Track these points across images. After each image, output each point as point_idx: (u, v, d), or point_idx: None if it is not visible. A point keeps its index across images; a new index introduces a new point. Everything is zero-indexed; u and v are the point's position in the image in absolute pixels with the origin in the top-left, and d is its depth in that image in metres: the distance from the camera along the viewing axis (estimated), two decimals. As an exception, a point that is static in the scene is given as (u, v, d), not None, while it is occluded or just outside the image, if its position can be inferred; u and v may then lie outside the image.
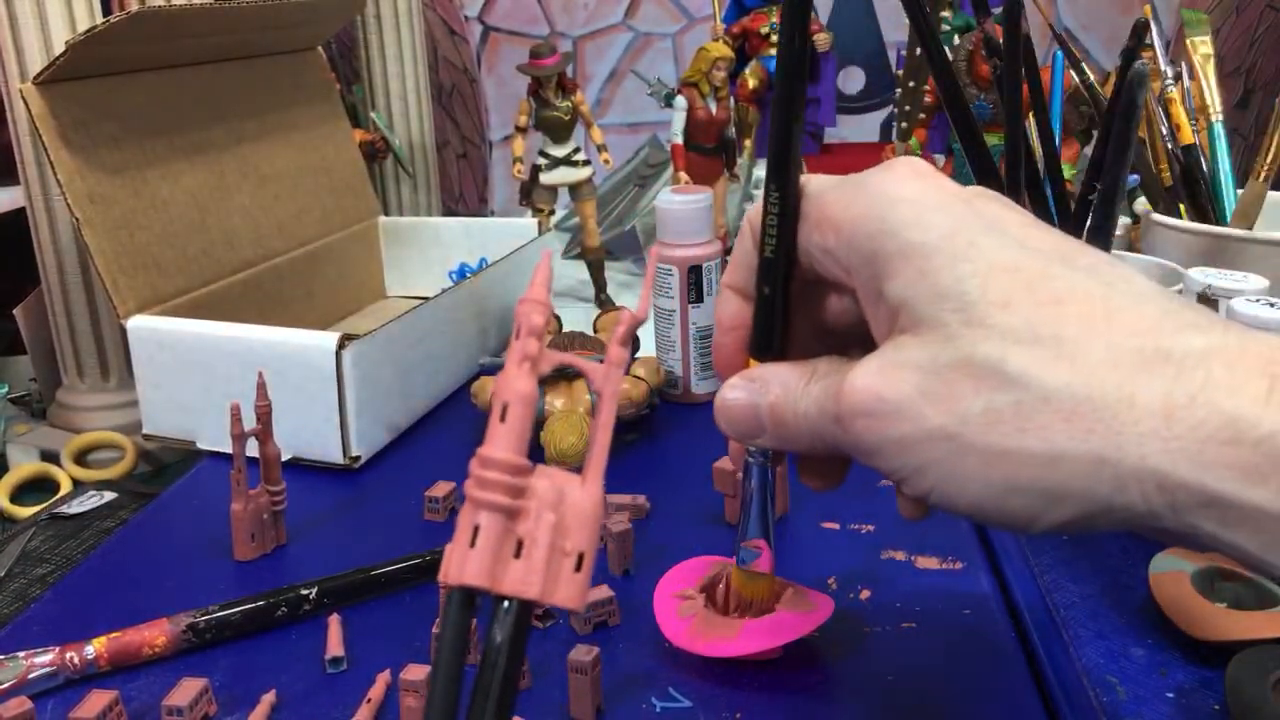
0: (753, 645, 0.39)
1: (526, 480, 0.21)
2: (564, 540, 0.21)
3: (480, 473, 0.21)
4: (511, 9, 1.44)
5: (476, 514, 0.21)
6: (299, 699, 0.40)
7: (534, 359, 0.22)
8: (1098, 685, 0.40)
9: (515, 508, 0.21)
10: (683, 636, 0.40)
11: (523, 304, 0.22)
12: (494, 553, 0.20)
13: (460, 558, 0.20)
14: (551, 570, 0.21)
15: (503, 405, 0.21)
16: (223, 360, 0.61)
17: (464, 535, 0.21)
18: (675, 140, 0.93)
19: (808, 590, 0.43)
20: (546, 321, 0.23)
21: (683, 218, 0.64)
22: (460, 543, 0.21)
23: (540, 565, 0.21)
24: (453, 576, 0.20)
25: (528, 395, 0.21)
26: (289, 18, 0.80)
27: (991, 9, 0.55)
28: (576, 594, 0.21)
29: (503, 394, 0.21)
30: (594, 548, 0.22)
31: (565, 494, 0.22)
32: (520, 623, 0.21)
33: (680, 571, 0.44)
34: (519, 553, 0.21)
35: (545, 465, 0.22)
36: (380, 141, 1.01)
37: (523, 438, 0.21)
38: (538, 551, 0.21)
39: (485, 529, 0.20)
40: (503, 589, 0.21)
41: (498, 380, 0.22)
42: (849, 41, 1.22)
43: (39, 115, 0.62)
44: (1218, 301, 0.48)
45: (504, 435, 0.21)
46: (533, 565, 0.21)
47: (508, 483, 0.21)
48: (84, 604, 0.47)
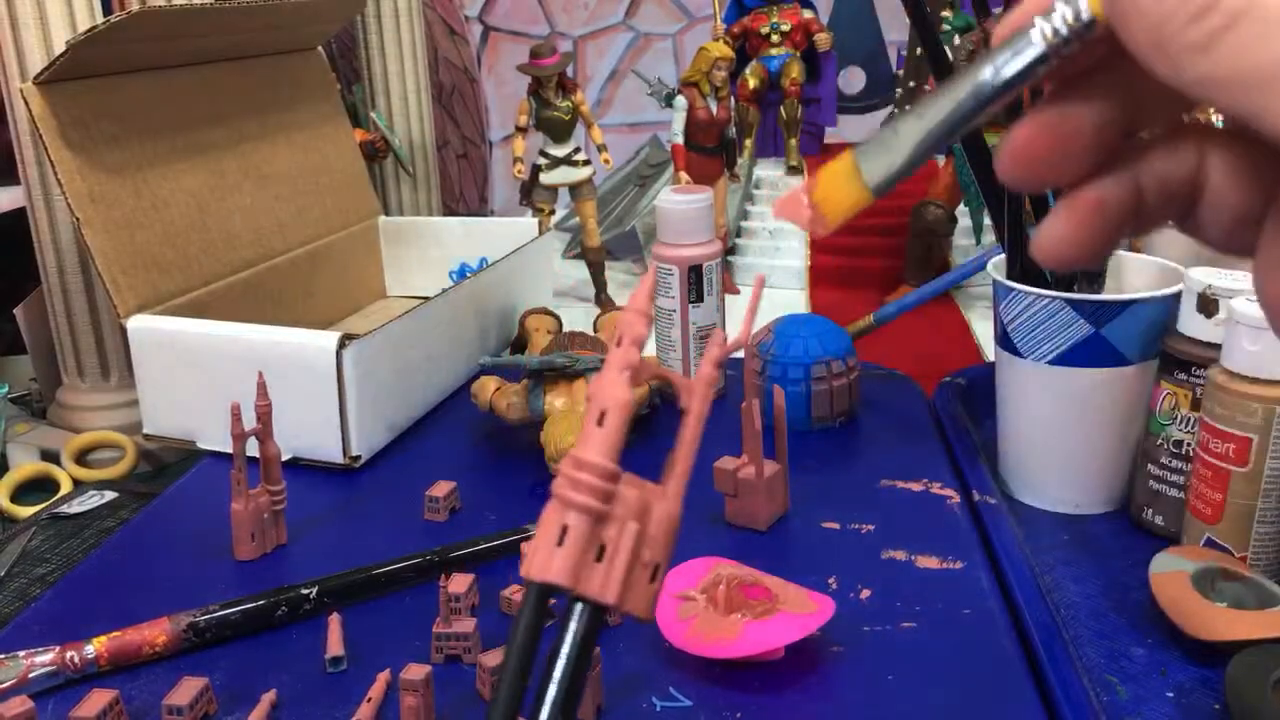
0: (754, 646, 0.39)
1: (616, 486, 0.21)
2: (644, 550, 0.22)
3: (573, 474, 0.21)
4: (511, 9, 1.44)
5: (565, 514, 0.21)
6: (299, 699, 0.40)
7: (635, 368, 0.22)
8: (1098, 685, 0.40)
9: (604, 512, 0.21)
10: (683, 638, 0.40)
11: (627, 313, 0.23)
12: (580, 554, 0.21)
13: (546, 555, 0.21)
14: (630, 578, 0.21)
15: (600, 410, 0.22)
16: (223, 360, 0.61)
17: (550, 533, 0.21)
18: (675, 140, 0.93)
19: (808, 591, 0.43)
20: (648, 331, 0.23)
21: (683, 218, 0.64)
22: (546, 540, 0.21)
23: (621, 572, 0.21)
24: (538, 572, 0.21)
25: (626, 402, 0.22)
26: (289, 18, 0.80)
27: (991, 9, 0.55)
28: (649, 603, 0.22)
29: (601, 399, 0.22)
30: (669, 560, 0.22)
31: (649, 505, 0.22)
32: (593, 625, 0.21)
33: (680, 572, 0.44)
34: (600, 556, 0.21)
35: (631, 474, 0.22)
36: (380, 141, 1.01)
37: (618, 444, 0.22)
38: (620, 558, 0.21)
39: (574, 530, 0.21)
40: (584, 591, 0.21)
41: (596, 384, 0.22)
42: (849, 41, 1.21)
43: (39, 115, 0.62)
44: (1218, 301, 0.48)
45: (600, 440, 0.21)
46: (614, 571, 0.21)
47: (600, 487, 0.21)
48: (84, 604, 0.47)
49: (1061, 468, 0.55)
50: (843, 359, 0.63)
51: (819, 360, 0.62)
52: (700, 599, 0.42)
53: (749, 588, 0.42)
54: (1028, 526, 0.53)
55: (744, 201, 1.06)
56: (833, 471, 0.58)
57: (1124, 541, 0.52)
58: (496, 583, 0.46)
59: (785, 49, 1.07)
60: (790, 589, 0.42)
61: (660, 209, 0.65)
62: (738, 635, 0.40)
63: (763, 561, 0.49)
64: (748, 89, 1.06)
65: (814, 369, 0.62)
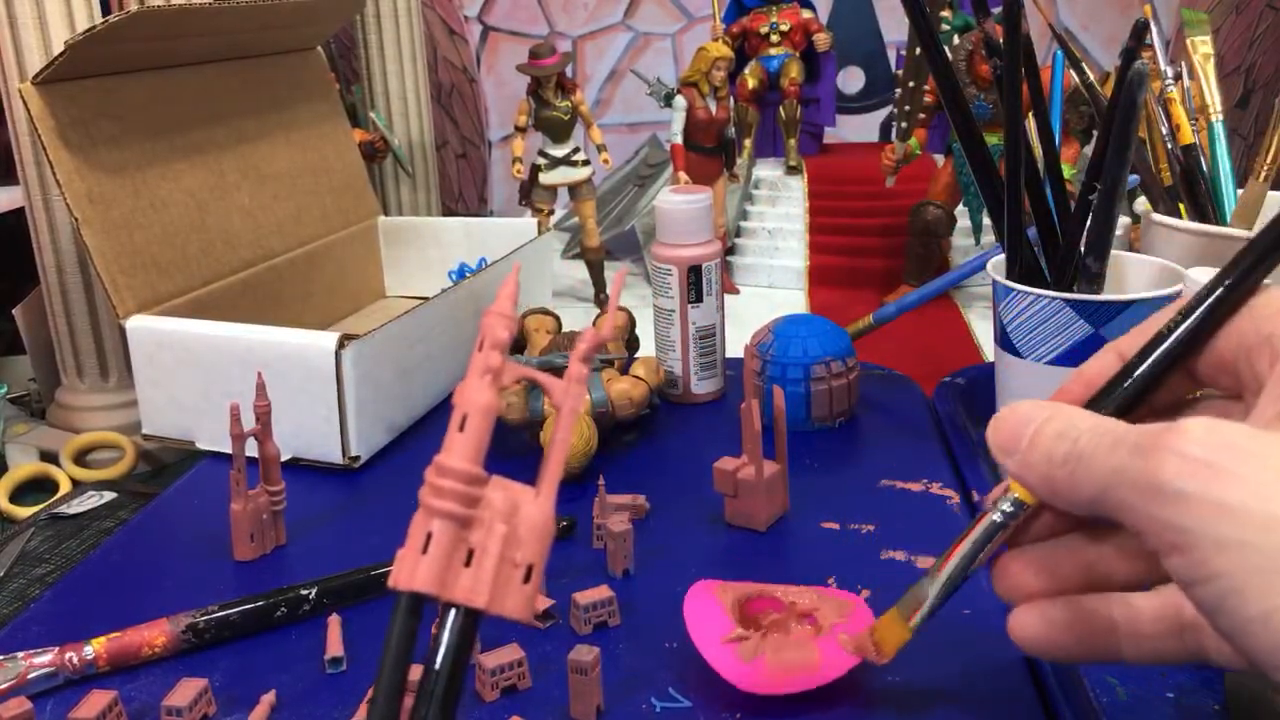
0: (842, 664, 0.38)
1: (481, 491, 0.21)
2: (514, 551, 0.21)
3: (435, 480, 0.21)
4: (511, 9, 1.44)
5: (429, 521, 0.21)
6: (299, 699, 0.40)
7: (496, 371, 0.22)
8: (1098, 685, 0.40)
9: (468, 517, 0.21)
10: (764, 681, 0.38)
11: (488, 316, 0.23)
12: (445, 560, 0.21)
13: (411, 563, 0.21)
14: (500, 580, 0.21)
15: (462, 415, 0.22)
16: (222, 360, 0.61)
17: (416, 541, 0.21)
18: (674, 140, 0.93)
19: (817, 588, 0.43)
20: (511, 335, 0.23)
21: (682, 218, 0.64)
22: (412, 548, 0.21)
23: (489, 575, 0.21)
24: (403, 582, 0.21)
25: (488, 407, 0.22)
26: (289, 18, 0.80)
27: (991, 9, 0.55)
28: (524, 604, 0.21)
29: (463, 404, 0.22)
30: (543, 560, 0.22)
31: (519, 506, 0.22)
32: (466, 631, 0.21)
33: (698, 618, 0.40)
34: (469, 561, 0.21)
35: (499, 477, 0.22)
36: (380, 141, 1.01)
37: (480, 448, 0.21)
38: (488, 561, 0.21)
39: (438, 536, 0.21)
40: (452, 596, 0.21)
41: (459, 390, 0.22)
42: (849, 41, 1.22)
43: (38, 115, 0.62)
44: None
45: (461, 444, 0.21)
46: (482, 575, 0.21)
47: (462, 491, 0.21)
48: (83, 604, 0.47)
49: (1061, 468, 0.54)
50: (842, 359, 0.63)
51: (819, 360, 0.62)
52: (752, 634, 0.39)
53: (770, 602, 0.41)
54: (1027, 526, 0.53)
55: (743, 201, 1.06)
56: (832, 471, 0.58)
57: (1124, 541, 0.52)
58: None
59: (784, 49, 1.07)
60: (808, 592, 0.42)
61: (659, 209, 0.65)
62: (819, 657, 0.38)
63: (763, 561, 0.49)
64: (747, 89, 1.06)
65: (814, 369, 0.62)
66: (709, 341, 0.66)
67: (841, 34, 1.14)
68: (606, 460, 0.58)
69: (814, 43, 1.07)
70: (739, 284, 1.01)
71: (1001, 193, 0.54)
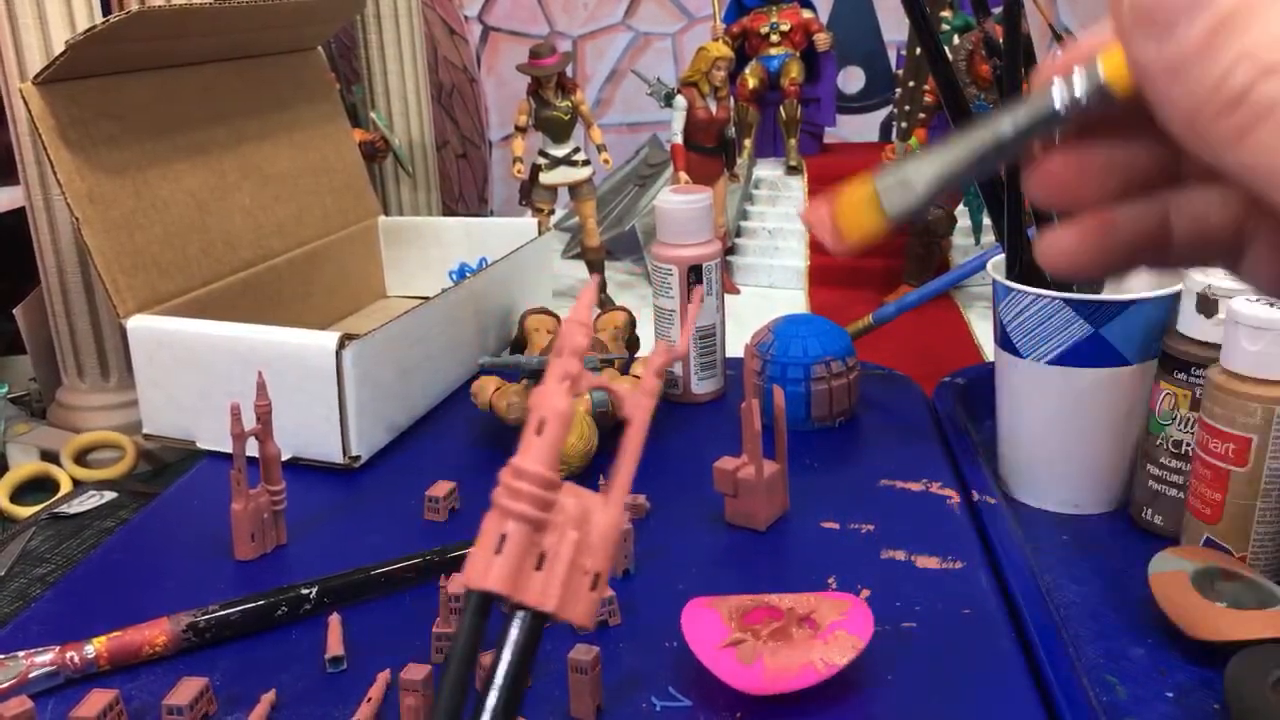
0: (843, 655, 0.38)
1: (555, 495, 0.22)
2: (584, 558, 0.22)
3: (512, 483, 0.21)
4: (511, 9, 1.44)
5: (504, 523, 0.21)
6: (299, 699, 0.40)
7: (574, 378, 0.22)
8: (1098, 685, 0.40)
9: (543, 520, 0.21)
10: (764, 682, 0.38)
11: (567, 324, 0.23)
12: (518, 563, 0.21)
13: (484, 563, 0.21)
14: (570, 586, 0.21)
15: (540, 420, 0.22)
16: (222, 360, 0.61)
17: (489, 541, 0.21)
18: (675, 140, 0.93)
19: (815, 594, 0.43)
20: (589, 342, 0.23)
21: (683, 218, 0.64)
22: (485, 548, 0.21)
23: (560, 580, 0.21)
24: (475, 581, 0.21)
25: (565, 413, 0.22)
26: (289, 18, 0.80)
27: (991, 9, 0.55)
28: (589, 612, 0.22)
29: (541, 409, 0.22)
30: (609, 568, 0.22)
31: (590, 513, 0.22)
32: (533, 633, 0.21)
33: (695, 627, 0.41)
34: (540, 565, 0.21)
35: (570, 483, 0.22)
36: (380, 141, 1.01)
37: (556, 453, 0.22)
38: (559, 566, 0.21)
39: (512, 538, 0.21)
40: (523, 599, 0.21)
41: (536, 394, 0.22)
42: (849, 41, 1.22)
43: (38, 115, 0.62)
44: (1217, 301, 0.48)
45: (539, 449, 0.22)
46: (553, 579, 0.21)
47: (538, 496, 0.21)
48: (84, 604, 0.47)
49: (1061, 468, 0.55)
50: (842, 359, 0.63)
51: (819, 360, 0.62)
52: (750, 637, 0.40)
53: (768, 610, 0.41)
54: (1028, 527, 0.53)
55: (743, 201, 1.06)
56: (832, 471, 0.58)
57: (1124, 541, 0.52)
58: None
59: (785, 49, 1.07)
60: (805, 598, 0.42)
61: (660, 209, 0.65)
62: (817, 655, 0.38)
63: (763, 561, 0.49)
64: (747, 89, 1.06)
65: (814, 369, 0.62)
66: (709, 341, 0.66)
67: (841, 34, 1.14)
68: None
69: (814, 43, 1.07)
70: (739, 284, 1.01)
71: (1001, 193, 0.54)
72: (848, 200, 0.24)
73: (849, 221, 0.24)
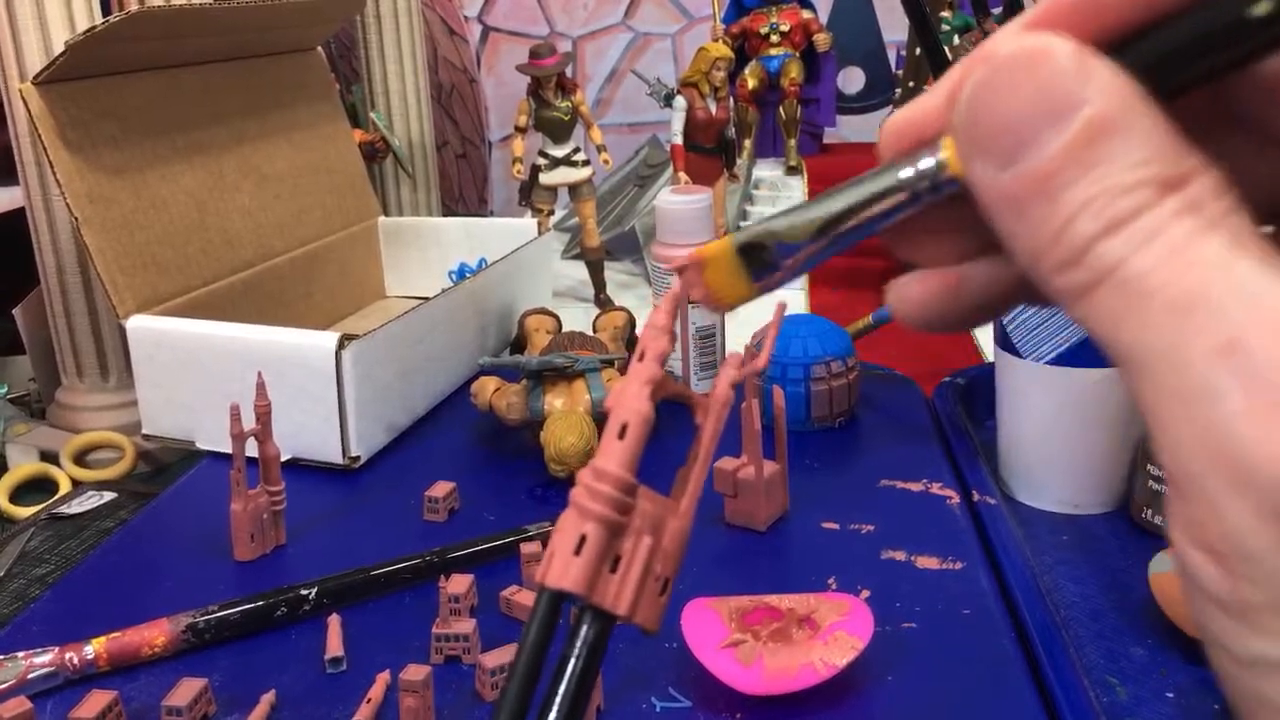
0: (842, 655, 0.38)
1: (633, 499, 0.22)
2: (657, 563, 0.22)
3: (593, 484, 0.21)
4: (511, 9, 1.44)
5: (584, 524, 0.21)
6: (299, 699, 0.40)
7: (657, 383, 0.22)
8: (1098, 685, 0.40)
9: (621, 524, 0.22)
10: (764, 682, 0.38)
11: (649, 329, 0.23)
12: (596, 564, 0.21)
13: (563, 563, 0.21)
14: (643, 591, 0.22)
15: (622, 423, 0.22)
16: (222, 360, 0.61)
17: (569, 541, 0.21)
18: (675, 140, 0.93)
19: (814, 594, 0.43)
20: (671, 347, 0.23)
21: (682, 218, 0.64)
22: (564, 549, 0.21)
23: (635, 584, 0.22)
24: (553, 580, 0.21)
25: (648, 416, 0.22)
26: (289, 18, 0.80)
27: (991, 9, 0.55)
28: (658, 617, 0.22)
29: (623, 412, 0.22)
30: (677, 574, 0.23)
31: (664, 519, 0.23)
32: (603, 634, 0.22)
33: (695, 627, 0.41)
34: (615, 568, 0.21)
35: (645, 487, 0.22)
36: (380, 141, 1.01)
37: (637, 457, 0.22)
38: (634, 571, 0.22)
39: (591, 540, 0.21)
40: (599, 601, 0.21)
41: (617, 396, 0.22)
42: (849, 41, 1.21)
43: (38, 115, 0.62)
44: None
45: (620, 452, 0.22)
46: (628, 583, 0.22)
47: (618, 499, 0.22)
48: (84, 604, 0.47)
49: (1061, 468, 0.54)
50: (842, 359, 0.63)
51: (819, 360, 0.62)
52: (750, 638, 0.40)
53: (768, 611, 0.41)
54: (1028, 526, 0.53)
55: (743, 201, 1.06)
56: (832, 471, 0.58)
57: (1124, 541, 0.52)
58: (496, 583, 0.46)
59: (784, 49, 1.07)
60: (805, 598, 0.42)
61: (659, 209, 0.65)
62: (817, 656, 0.38)
63: (763, 562, 0.49)
64: (747, 89, 1.06)
65: (814, 369, 0.62)
66: (709, 341, 0.66)
67: (841, 34, 1.14)
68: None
69: (814, 43, 1.07)
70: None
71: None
72: (715, 264, 0.22)
73: (722, 286, 0.22)
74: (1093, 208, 0.16)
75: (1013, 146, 0.17)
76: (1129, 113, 0.16)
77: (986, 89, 0.17)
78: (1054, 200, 0.16)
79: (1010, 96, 0.17)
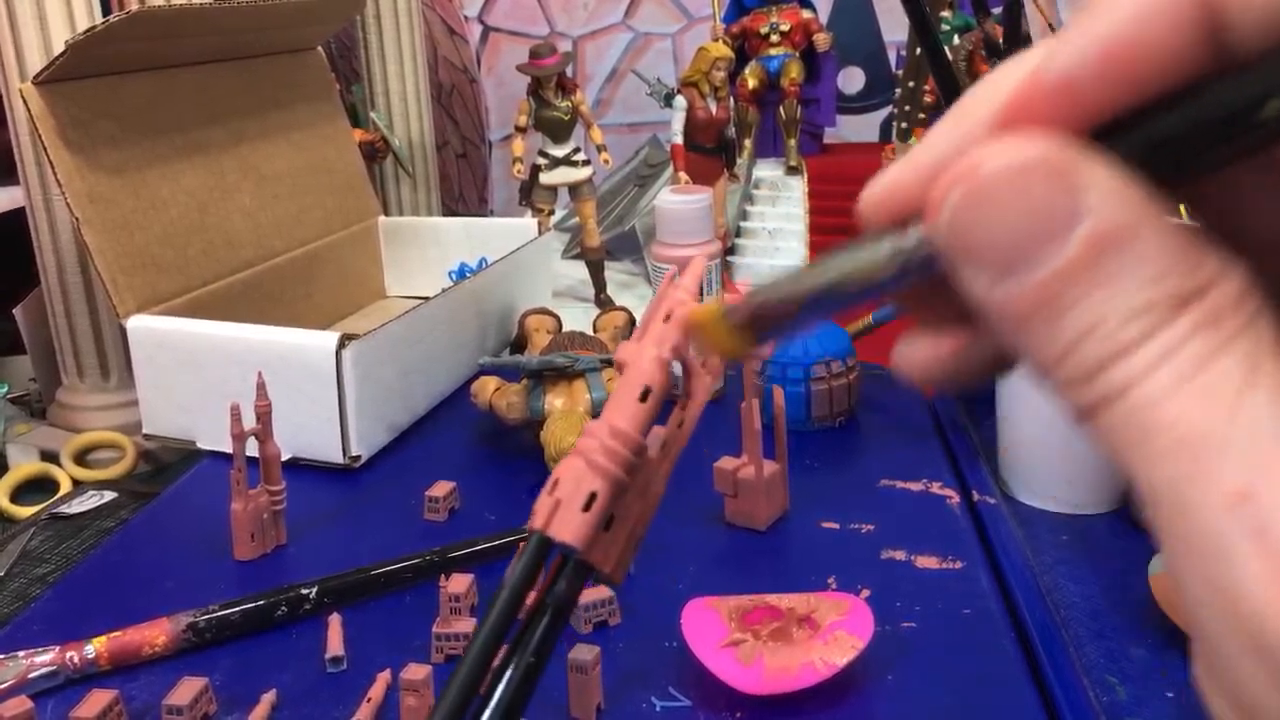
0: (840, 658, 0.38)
1: (642, 462, 0.22)
2: (639, 526, 0.22)
3: (609, 443, 0.21)
4: (511, 9, 1.44)
5: (595, 480, 0.21)
6: (299, 699, 0.40)
7: (679, 350, 0.22)
8: (1098, 685, 0.40)
9: (626, 485, 0.21)
10: (764, 682, 0.38)
11: (678, 289, 0.23)
12: (599, 523, 0.21)
13: (570, 517, 0.21)
14: (624, 550, 0.22)
15: (645, 387, 0.21)
16: (222, 360, 0.61)
17: (579, 495, 0.21)
18: (675, 140, 0.93)
19: (813, 594, 0.43)
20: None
21: (683, 218, 0.64)
22: (573, 503, 0.21)
23: (620, 544, 0.22)
24: (556, 531, 0.21)
25: (667, 386, 0.22)
26: (289, 18, 0.80)
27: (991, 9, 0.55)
28: (625, 571, 0.23)
29: (646, 376, 0.22)
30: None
31: (650, 483, 0.22)
32: (580, 584, 0.22)
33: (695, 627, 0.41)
34: (607, 525, 0.22)
35: None
36: (380, 141, 1.01)
37: (651, 423, 0.22)
38: (622, 533, 0.22)
39: (601, 500, 0.21)
40: (590, 557, 0.21)
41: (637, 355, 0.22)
42: (849, 41, 1.22)
43: (38, 115, 0.62)
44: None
45: (639, 415, 0.21)
46: (616, 542, 0.22)
47: (632, 461, 0.21)
48: (84, 604, 0.47)
49: (1061, 468, 0.55)
50: (842, 359, 0.63)
51: (819, 360, 0.62)
52: (750, 637, 0.40)
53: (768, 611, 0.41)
54: (1028, 526, 0.53)
55: (743, 201, 1.06)
56: (832, 471, 0.58)
57: (1124, 541, 0.52)
58: (496, 583, 0.46)
59: (784, 49, 1.07)
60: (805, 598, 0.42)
61: (660, 209, 0.65)
62: (817, 655, 0.38)
63: (762, 561, 0.49)
64: (747, 89, 1.06)
65: (814, 369, 0.62)
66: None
67: (841, 34, 1.14)
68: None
69: (814, 43, 1.07)
70: (739, 284, 1.01)
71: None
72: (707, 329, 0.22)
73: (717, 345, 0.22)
74: (1101, 331, 0.15)
75: (1006, 262, 0.15)
76: (1136, 222, 0.15)
77: (969, 213, 0.15)
78: (1057, 321, 0.15)
79: (999, 222, 0.15)
